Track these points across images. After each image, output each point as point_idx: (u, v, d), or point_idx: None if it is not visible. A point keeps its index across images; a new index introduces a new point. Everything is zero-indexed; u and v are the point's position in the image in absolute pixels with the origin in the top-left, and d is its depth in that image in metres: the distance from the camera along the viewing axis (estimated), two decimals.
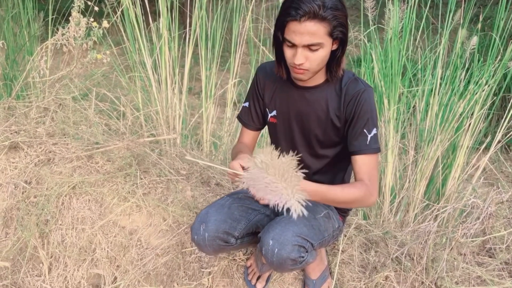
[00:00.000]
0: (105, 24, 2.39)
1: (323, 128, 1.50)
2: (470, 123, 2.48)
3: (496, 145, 2.49)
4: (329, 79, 1.46)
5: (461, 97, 2.47)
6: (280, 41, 1.37)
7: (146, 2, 2.69)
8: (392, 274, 1.76)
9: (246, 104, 1.62)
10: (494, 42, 2.47)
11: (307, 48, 1.32)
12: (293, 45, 1.33)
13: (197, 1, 2.63)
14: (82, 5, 2.33)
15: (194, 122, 2.98)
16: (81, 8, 2.33)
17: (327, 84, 1.47)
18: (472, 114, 2.48)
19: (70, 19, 2.34)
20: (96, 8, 2.40)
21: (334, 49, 1.37)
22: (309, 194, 1.26)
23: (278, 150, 1.23)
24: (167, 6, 2.63)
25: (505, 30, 2.50)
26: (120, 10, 2.61)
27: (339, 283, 1.78)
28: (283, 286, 1.79)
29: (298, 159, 1.22)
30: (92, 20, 2.34)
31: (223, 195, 2.01)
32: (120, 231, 1.99)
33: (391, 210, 2.43)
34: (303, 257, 1.39)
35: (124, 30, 2.70)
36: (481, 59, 2.54)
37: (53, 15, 2.85)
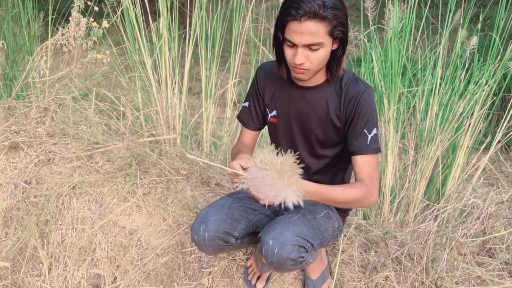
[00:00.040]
0: (105, 24, 2.39)
1: (323, 128, 1.50)
2: (470, 123, 2.48)
3: (496, 145, 2.49)
4: (329, 79, 1.46)
5: (461, 97, 2.47)
6: (280, 41, 1.37)
7: (146, 2, 2.69)
8: (392, 274, 1.76)
9: (246, 104, 1.62)
10: (494, 42, 2.47)
11: (308, 48, 1.32)
12: (294, 45, 1.33)
13: (197, 1, 2.63)
14: (82, 5, 2.33)
15: (194, 122, 2.98)
16: (81, 8, 2.33)
17: (328, 84, 1.47)
18: (472, 114, 2.48)
19: (70, 19, 2.34)
20: (96, 8, 2.40)
21: (334, 49, 1.37)
22: (309, 194, 1.26)
23: (278, 149, 1.23)
24: (167, 6, 2.63)
25: (505, 30, 2.50)
26: (120, 10, 2.61)
27: (339, 283, 1.78)
28: (283, 286, 1.79)
29: (297, 157, 1.22)
30: (92, 20, 2.34)
31: (223, 195, 2.01)
32: (120, 231, 1.99)
33: (391, 210, 2.43)
34: (303, 257, 1.39)
35: (124, 30, 2.70)
36: (481, 59, 2.54)
37: (53, 15, 2.85)
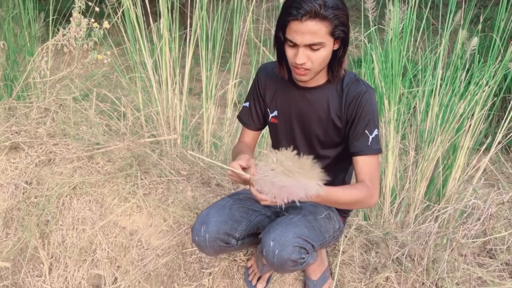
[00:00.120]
0: (106, 24, 2.39)
1: (324, 128, 1.50)
2: (471, 124, 2.48)
3: (497, 146, 2.49)
4: (330, 80, 1.46)
5: (462, 98, 2.47)
6: (281, 41, 1.37)
7: (146, 2, 2.69)
8: (392, 275, 1.76)
9: (247, 104, 1.62)
10: (494, 43, 2.47)
11: (309, 48, 1.32)
12: (295, 45, 1.33)
13: (197, 1, 2.63)
14: (83, 5, 2.33)
15: (195, 123, 2.98)
16: (82, 9, 2.34)
17: (329, 84, 1.47)
18: (473, 115, 2.49)
19: (70, 19, 2.34)
20: (97, 9, 2.40)
21: (335, 49, 1.37)
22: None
23: (292, 151, 1.24)
24: (167, 7, 2.63)
25: (506, 31, 2.51)
26: (120, 11, 2.61)
27: (339, 284, 1.77)
28: (283, 286, 1.79)
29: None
30: (92, 20, 2.34)
31: (224, 195, 2.02)
32: (120, 232, 1.99)
33: (391, 211, 2.43)
34: (303, 258, 1.39)
35: (125, 30, 2.70)
36: (482, 60, 2.54)
37: (53, 15, 2.86)
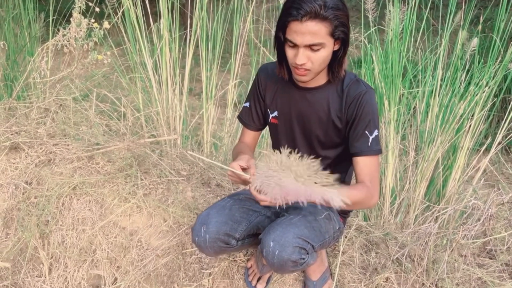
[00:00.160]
0: (106, 25, 2.39)
1: (324, 129, 1.50)
2: (471, 124, 2.48)
3: (497, 146, 2.49)
4: (331, 80, 1.46)
5: (462, 99, 2.47)
6: (281, 42, 1.37)
7: (147, 3, 2.69)
8: (392, 275, 1.76)
9: (247, 104, 1.62)
10: (494, 44, 2.47)
11: (309, 48, 1.32)
12: (295, 45, 1.33)
13: (197, 2, 2.63)
14: (83, 6, 2.33)
15: (195, 123, 2.98)
16: (82, 9, 2.34)
17: (329, 85, 1.47)
18: (473, 115, 2.49)
19: (71, 20, 2.35)
20: (97, 9, 2.40)
21: (336, 50, 1.37)
22: None
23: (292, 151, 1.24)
24: (167, 7, 2.63)
25: (506, 31, 2.51)
26: (121, 11, 2.61)
27: (339, 284, 1.77)
28: (283, 287, 1.78)
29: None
30: (93, 21, 2.34)
31: (224, 196, 2.01)
32: (120, 232, 1.99)
33: (391, 212, 2.43)
34: (304, 259, 1.39)
35: (125, 31, 2.70)
36: (482, 61, 2.54)
37: (54, 16, 2.86)
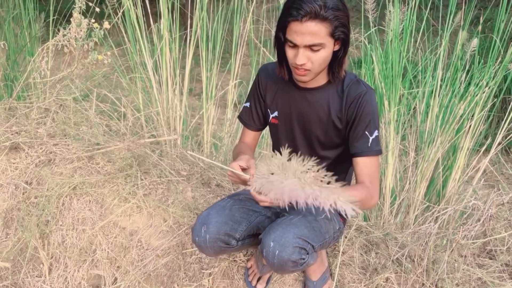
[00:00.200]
0: (106, 25, 2.39)
1: (325, 129, 1.50)
2: (471, 125, 2.48)
3: (497, 147, 2.49)
4: (331, 81, 1.46)
5: (462, 99, 2.48)
6: (281, 42, 1.37)
7: (147, 3, 2.69)
8: (392, 275, 1.76)
9: (247, 105, 1.62)
10: (494, 44, 2.48)
11: (309, 49, 1.32)
12: (295, 46, 1.33)
13: (198, 2, 2.64)
14: (83, 6, 2.34)
15: (195, 123, 2.98)
16: (82, 9, 2.34)
17: (329, 85, 1.47)
18: (473, 116, 2.49)
19: (71, 20, 2.35)
20: (97, 9, 2.40)
21: (336, 50, 1.37)
22: None
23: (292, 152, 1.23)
24: (168, 7, 2.63)
25: (506, 32, 2.51)
26: (121, 11, 2.61)
27: (339, 285, 1.78)
28: (283, 287, 1.78)
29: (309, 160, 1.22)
30: (93, 21, 2.35)
31: (224, 196, 2.01)
32: (120, 232, 1.99)
33: (391, 212, 2.44)
34: (304, 259, 1.39)
35: (125, 31, 2.70)
36: (482, 61, 2.55)
37: (54, 16, 2.86)
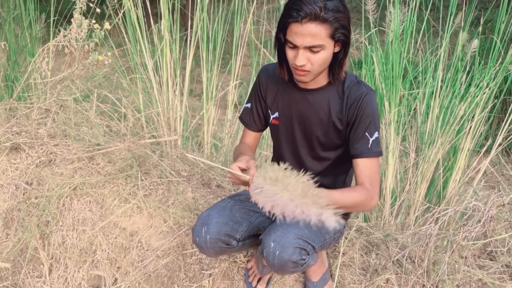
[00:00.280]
0: (107, 25, 2.40)
1: (325, 130, 1.50)
2: (471, 126, 2.48)
3: (497, 148, 2.49)
4: (331, 82, 1.46)
5: (462, 100, 2.48)
6: (282, 43, 1.37)
7: (147, 4, 2.70)
8: (393, 277, 1.76)
9: (248, 105, 1.63)
10: (495, 45, 2.48)
11: (309, 50, 1.32)
12: (295, 47, 1.33)
13: (198, 3, 2.64)
14: (84, 6, 2.34)
15: (195, 124, 2.98)
16: (83, 10, 2.34)
17: (330, 86, 1.47)
18: (473, 117, 2.49)
19: (71, 20, 2.35)
20: (98, 10, 2.41)
21: (336, 51, 1.37)
22: None
23: (285, 164, 1.23)
24: (168, 8, 2.64)
25: (506, 33, 2.51)
26: (121, 12, 2.62)
27: (340, 286, 1.77)
28: None
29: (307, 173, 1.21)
30: (93, 21, 2.35)
31: (224, 197, 2.01)
32: (120, 233, 1.99)
33: (392, 213, 2.43)
34: (304, 259, 1.39)
35: (126, 32, 2.70)
36: (482, 62, 2.55)
37: (54, 16, 2.86)
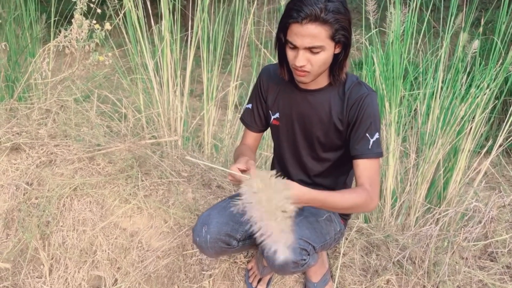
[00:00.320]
0: (107, 26, 2.40)
1: (325, 131, 1.50)
2: (472, 126, 2.48)
3: (498, 148, 2.49)
4: (332, 83, 1.46)
5: (463, 101, 2.48)
6: (282, 43, 1.37)
7: (148, 4, 2.70)
8: (393, 277, 1.76)
9: (249, 106, 1.62)
10: (495, 46, 2.48)
11: (309, 51, 1.32)
12: (295, 47, 1.33)
13: (199, 3, 2.64)
14: (85, 7, 2.34)
15: (196, 124, 2.98)
16: (84, 10, 2.34)
17: (330, 87, 1.47)
18: (474, 117, 2.49)
19: (72, 21, 2.35)
20: (99, 10, 2.41)
21: (337, 53, 1.37)
22: (308, 201, 1.27)
23: (278, 174, 1.21)
24: (169, 9, 2.64)
25: (507, 34, 2.51)
26: (122, 13, 2.62)
27: (340, 287, 1.77)
28: None
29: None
30: (94, 22, 2.35)
31: (225, 197, 2.01)
32: (121, 233, 1.99)
33: (392, 214, 2.43)
34: (305, 260, 1.39)
35: (126, 32, 2.71)
36: (483, 63, 2.55)
37: (55, 17, 2.86)
